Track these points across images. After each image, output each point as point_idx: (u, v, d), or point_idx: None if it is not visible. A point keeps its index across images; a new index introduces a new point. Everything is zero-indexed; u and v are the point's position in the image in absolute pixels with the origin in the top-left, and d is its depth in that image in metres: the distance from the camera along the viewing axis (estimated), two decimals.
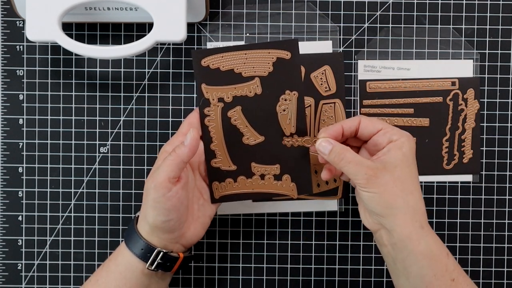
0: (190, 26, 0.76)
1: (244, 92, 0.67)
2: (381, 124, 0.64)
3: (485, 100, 0.77)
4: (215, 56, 0.66)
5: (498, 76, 0.77)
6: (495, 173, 0.77)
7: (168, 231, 0.64)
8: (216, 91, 0.67)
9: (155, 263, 0.65)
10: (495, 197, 0.77)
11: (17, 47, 0.77)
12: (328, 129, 0.65)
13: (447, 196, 0.77)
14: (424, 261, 0.61)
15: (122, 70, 0.77)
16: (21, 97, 0.77)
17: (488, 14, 0.77)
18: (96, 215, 0.77)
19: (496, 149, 0.77)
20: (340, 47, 0.77)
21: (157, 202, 0.63)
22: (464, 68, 0.77)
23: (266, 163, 0.69)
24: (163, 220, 0.63)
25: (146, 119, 0.77)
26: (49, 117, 0.77)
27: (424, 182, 0.77)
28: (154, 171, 0.64)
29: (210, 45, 0.76)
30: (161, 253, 0.64)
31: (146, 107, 0.77)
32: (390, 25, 0.77)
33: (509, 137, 0.77)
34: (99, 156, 0.77)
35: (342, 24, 0.77)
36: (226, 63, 0.67)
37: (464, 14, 0.77)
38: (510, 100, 0.77)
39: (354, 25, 0.77)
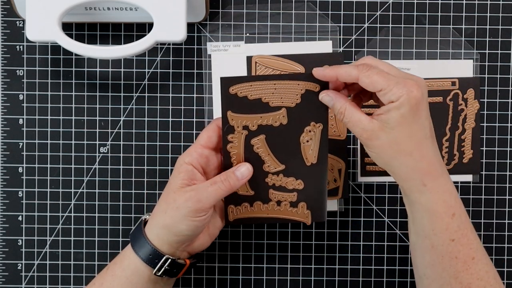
0: (190, 26, 0.76)
1: (270, 121, 0.67)
2: (381, 84, 0.60)
3: (485, 100, 0.77)
4: (244, 84, 0.65)
5: (498, 76, 0.77)
6: (495, 173, 0.77)
7: (184, 241, 0.65)
8: (242, 119, 0.66)
9: (162, 269, 0.65)
10: (495, 197, 0.77)
11: (17, 47, 0.77)
12: (323, 71, 0.63)
13: None
14: (424, 213, 0.62)
15: (122, 70, 0.77)
16: (21, 97, 0.77)
17: (488, 14, 0.77)
18: (96, 215, 0.77)
19: (496, 149, 0.77)
20: (340, 47, 0.77)
21: (194, 220, 0.64)
22: (464, 68, 0.77)
23: (284, 190, 0.69)
24: (188, 235, 0.64)
25: (146, 119, 0.77)
26: (49, 117, 0.77)
27: None
28: (198, 191, 0.64)
29: (210, 45, 0.76)
30: (169, 259, 0.65)
31: (146, 107, 0.77)
32: (390, 25, 0.77)
33: (509, 137, 0.77)
34: (99, 156, 0.77)
35: (342, 24, 0.77)
36: (255, 92, 0.66)
37: (464, 14, 0.77)
38: (510, 100, 0.77)
39: (354, 25, 0.77)
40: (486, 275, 0.62)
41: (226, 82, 0.65)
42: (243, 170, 0.66)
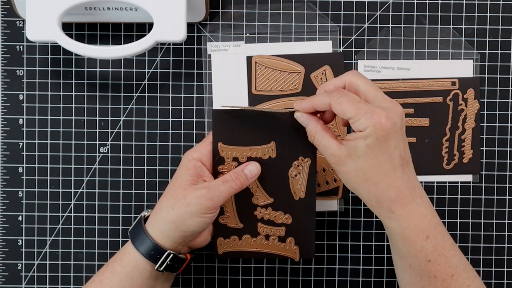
0: (190, 26, 0.76)
1: (259, 154, 0.68)
2: (350, 112, 0.59)
3: (485, 100, 0.77)
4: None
5: (498, 76, 0.77)
6: (495, 173, 0.77)
7: (188, 237, 0.66)
8: (232, 151, 0.68)
9: (164, 264, 0.65)
10: (495, 197, 0.77)
11: (17, 47, 0.77)
12: (301, 104, 0.64)
13: (447, 196, 0.77)
14: (397, 237, 0.62)
15: (122, 70, 0.77)
16: (21, 97, 0.77)
17: (488, 14, 0.77)
18: (96, 215, 0.77)
19: (496, 149, 0.77)
20: (340, 47, 0.77)
21: (204, 216, 0.64)
22: (464, 68, 0.77)
23: (273, 224, 0.70)
24: (195, 231, 0.65)
25: (146, 119, 0.77)
26: (49, 117, 0.77)
27: (424, 182, 0.77)
28: (210, 188, 0.65)
29: (210, 45, 0.76)
30: (171, 255, 0.65)
31: (146, 107, 0.77)
32: (390, 25, 0.77)
33: (509, 137, 0.77)
34: (99, 156, 0.77)
35: (342, 24, 0.77)
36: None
37: (464, 14, 0.77)
38: (510, 100, 0.77)
39: (354, 25, 0.77)
40: None
41: (219, 115, 0.67)
42: (252, 168, 0.67)
